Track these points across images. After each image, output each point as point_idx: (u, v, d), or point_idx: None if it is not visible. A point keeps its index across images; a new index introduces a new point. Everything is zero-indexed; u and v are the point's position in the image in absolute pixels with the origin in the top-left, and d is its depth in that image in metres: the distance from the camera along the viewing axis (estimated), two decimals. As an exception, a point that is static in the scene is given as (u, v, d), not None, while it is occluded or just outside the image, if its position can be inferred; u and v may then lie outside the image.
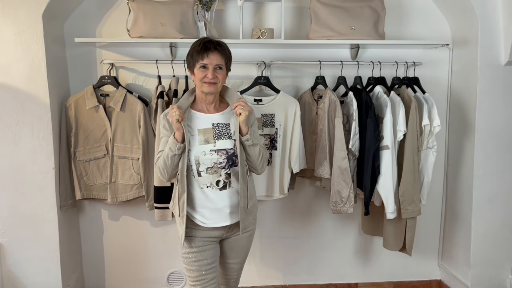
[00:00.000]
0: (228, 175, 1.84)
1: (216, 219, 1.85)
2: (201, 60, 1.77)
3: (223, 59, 1.80)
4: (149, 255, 2.77)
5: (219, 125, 1.86)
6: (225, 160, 1.82)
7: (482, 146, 2.50)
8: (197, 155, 1.80)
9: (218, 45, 1.79)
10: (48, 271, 2.42)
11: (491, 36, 2.43)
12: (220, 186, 1.83)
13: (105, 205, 2.68)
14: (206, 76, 1.77)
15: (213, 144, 1.82)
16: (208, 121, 1.85)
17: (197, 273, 1.87)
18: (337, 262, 2.88)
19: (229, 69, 1.88)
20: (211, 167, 1.81)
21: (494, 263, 2.60)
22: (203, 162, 1.81)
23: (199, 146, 1.81)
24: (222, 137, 1.84)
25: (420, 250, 2.83)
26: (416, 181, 2.41)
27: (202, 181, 1.82)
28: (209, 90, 1.80)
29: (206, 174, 1.82)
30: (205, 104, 1.88)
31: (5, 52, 2.27)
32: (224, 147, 1.83)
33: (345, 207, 2.37)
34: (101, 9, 2.55)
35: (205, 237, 1.88)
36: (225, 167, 1.82)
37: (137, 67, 2.60)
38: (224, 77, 1.83)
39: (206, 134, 1.83)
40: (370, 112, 2.34)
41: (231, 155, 1.83)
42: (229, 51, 1.85)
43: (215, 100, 1.89)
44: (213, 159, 1.81)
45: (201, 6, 2.45)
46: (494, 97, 2.47)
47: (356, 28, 2.40)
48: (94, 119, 2.43)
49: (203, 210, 1.85)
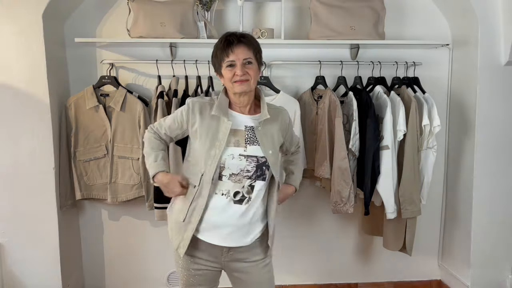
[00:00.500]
0: (251, 188, 1.59)
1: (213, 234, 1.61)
2: (226, 58, 1.55)
3: (251, 52, 1.57)
4: (149, 255, 2.77)
5: (252, 129, 1.62)
6: (254, 169, 1.58)
7: (482, 146, 2.50)
8: (224, 157, 1.57)
9: (242, 37, 1.57)
10: (48, 271, 2.42)
11: (491, 36, 2.42)
12: (236, 198, 1.58)
13: (105, 205, 2.68)
14: (235, 75, 1.55)
15: (243, 149, 1.59)
16: (241, 122, 1.63)
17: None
18: (337, 262, 2.88)
19: (261, 63, 1.64)
20: (236, 173, 1.58)
21: (494, 263, 2.60)
22: (229, 166, 1.57)
23: (228, 148, 1.58)
24: (254, 143, 1.60)
25: (420, 250, 2.83)
26: (416, 181, 2.41)
27: (220, 186, 1.58)
28: (242, 89, 1.56)
29: (228, 181, 1.58)
30: (239, 107, 1.64)
31: (5, 52, 2.27)
32: (255, 154, 1.59)
33: (345, 207, 2.37)
34: (101, 9, 2.55)
35: (198, 257, 1.65)
36: (252, 178, 1.59)
37: (137, 67, 2.60)
38: (256, 72, 1.59)
39: (237, 135, 1.60)
40: (370, 112, 2.34)
41: (261, 164, 1.59)
42: (257, 42, 1.62)
43: (250, 102, 1.65)
44: (241, 165, 1.57)
45: (201, 6, 2.45)
46: (494, 97, 2.47)
47: (356, 28, 2.40)
48: (94, 119, 2.43)
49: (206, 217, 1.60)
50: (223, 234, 1.60)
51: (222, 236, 1.61)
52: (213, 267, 1.68)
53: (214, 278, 1.73)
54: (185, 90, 2.44)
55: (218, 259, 1.66)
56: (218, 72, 1.64)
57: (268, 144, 1.61)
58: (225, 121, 1.58)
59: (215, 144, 1.57)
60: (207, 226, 1.61)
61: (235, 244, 1.63)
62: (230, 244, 1.62)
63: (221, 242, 1.62)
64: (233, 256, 1.65)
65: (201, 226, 1.61)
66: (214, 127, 1.59)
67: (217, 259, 1.66)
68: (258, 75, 1.62)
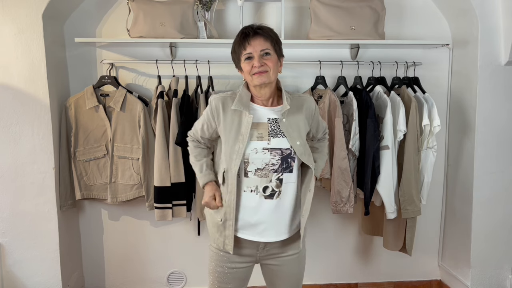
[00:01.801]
0: (279, 182, 1.58)
1: (250, 230, 1.61)
2: (244, 51, 1.55)
3: (268, 42, 1.56)
4: (149, 255, 2.77)
5: (275, 121, 1.60)
6: (279, 162, 1.56)
7: (482, 146, 2.50)
8: (248, 152, 1.55)
9: (259, 28, 1.56)
10: (48, 271, 2.42)
11: (491, 36, 2.42)
12: (266, 193, 1.57)
13: (105, 205, 2.68)
14: (253, 67, 1.54)
15: (267, 142, 1.57)
16: (264, 115, 1.61)
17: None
18: (337, 262, 2.88)
19: (280, 54, 1.62)
20: (262, 168, 1.56)
21: (494, 263, 2.60)
22: (253, 161, 1.56)
23: (251, 142, 1.56)
24: (278, 135, 1.58)
25: (420, 250, 2.83)
26: (416, 181, 2.41)
27: (247, 183, 1.57)
28: (261, 80, 1.54)
29: (254, 176, 1.57)
30: (261, 100, 1.63)
31: (5, 52, 2.27)
32: (280, 147, 1.57)
33: (345, 207, 2.38)
34: (101, 9, 2.55)
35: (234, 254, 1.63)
36: (278, 171, 1.57)
37: (137, 67, 2.60)
38: (275, 63, 1.57)
39: (260, 129, 1.58)
40: (370, 112, 2.34)
41: (286, 156, 1.58)
42: (275, 34, 1.60)
43: (273, 95, 1.63)
44: (265, 159, 1.56)
45: (201, 6, 2.45)
46: (494, 97, 2.47)
47: (356, 28, 2.40)
48: (94, 119, 2.43)
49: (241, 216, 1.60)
50: (259, 230, 1.60)
51: (258, 232, 1.60)
52: (247, 262, 1.68)
53: (246, 275, 1.72)
54: (185, 90, 2.43)
55: (253, 255, 1.66)
56: (238, 67, 1.63)
57: (294, 135, 1.60)
58: (247, 114, 1.58)
59: (239, 139, 1.57)
60: (243, 224, 1.61)
61: (272, 239, 1.62)
62: (267, 239, 1.61)
63: (258, 238, 1.61)
64: (268, 252, 1.65)
65: (237, 224, 1.61)
66: (237, 122, 1.59)
67: (253, 255, 1.66)
68: (278, 66, 1.60)
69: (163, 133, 2.33)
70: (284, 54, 2.69)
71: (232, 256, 1.64)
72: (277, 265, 1.67)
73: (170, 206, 2.37)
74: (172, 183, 2.34)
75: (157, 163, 2.33)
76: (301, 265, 1.73)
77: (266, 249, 1.65)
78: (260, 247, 1.64)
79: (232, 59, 1.65)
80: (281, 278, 1.70)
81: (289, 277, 1.71)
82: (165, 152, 2.33)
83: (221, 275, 1.66)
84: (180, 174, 2.35)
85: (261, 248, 1.64)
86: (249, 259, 1.67)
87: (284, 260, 1.66)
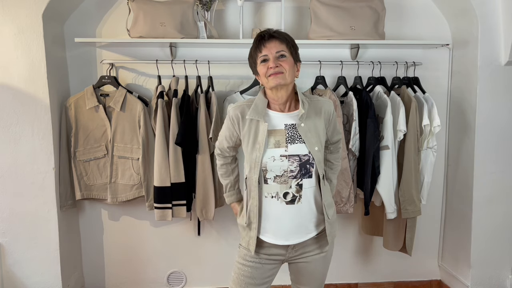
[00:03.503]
0: (299, 187, 1.58)
1: (275, 235, 1.63)
2: (260, 53, 1.56)
3: (284, 45, 1.56)
4: (149, 255, 2.77)
5: (293, 126, 1.60)
6: (297, 168, 1.57)
7: (482, 146, 2.50)
8: (265, 160, 1.57)
9: (275, 32, 1.58)
10: (48, 271, 2.42)
11: (491, 36, 2.42)
12: (287, 199, 1.59)
13: (105, 205, 2.68)
14: (269, 68, 1.54)
15: (284, 149, 1.57)
16: (281, 121, 1.61)
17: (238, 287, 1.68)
18: (337, 262, 2.87)
19: (297, 59, 1.62)
20: (280, 175, 1.57)
21: (494, 263, 2.60)
22: (271, 169, 1.57)
23: (268, 149, 1.57)
24: (296, 141, 1.59)
25: (420, 250, 2.83)
26: (416, 181, 2.41)
27: (267, 189, 1.59)
28: (276, 82, 1.53)
29: (273, 183, 1.58)
30: (278, 104, 1.62)
31: (5, 52, 2.27)
32: (298, 153, 1.58)
33: (345, 207, 2.38)
34: (101, 9, 2.55)
35: (263, 253, 1.67)
36: (297, 177, 1.58)
37: (137, 67, 2.60)
38: (291, 66, 1.56)
39: (277, 136, 1.58)
40: (370, 112, 2.34)
41: (304, 163, 1.58)
42: (291, 38, 1.61)
43: (290, 99, 1.63)
44: (283, 166, 1.57)
45: (201, 6, 2.45)
46: (494, 97, 2.47)
47: (356, 28, 2.40)
48: (94, 119, 2.43)
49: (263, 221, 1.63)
50: (284, 234, 1.63)
51: (283, 236, 1.63)
52: (276, 261, 1.70)
53: (272, 273, 1.73)
54: (185, 90, 2.43)
55: (282, 255, 1.69)
56: (254, 72, 1.64)
57: (313, 140, 1.60)
58: (262, 123, 1.59)
59: (256, 147, 1.59)
60: (268, 228, 1.64)
61: (298, 241, 1.64)
62: (293, 241, 1.64)
63: (284, 241, 1.64)
64: (297, 251, 1.68)
65: (262, 229, 1.65)
66: (254, 130, 1.61)
67: (282, 255, 1.69)
68: (294, 69, 1.60)
69: (163, 133, 2.33)
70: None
71: (261, 254, 1.67)
72: (305, 262, 1.70)
73: (170, 206, 2.37)
74: (172, 183, 2.34)
75: (157, 163, 2.33)
76: (327, 264, 1.77)
77: (295, 249, 1.68)
78: (290, 248, 1.67)
79: (249, 65, 1.66)
80: (306, 275, 1.74)
81: (314, 275, 1.74)
82: (165, 152, 2.33)
83: (247, 269, 1.68)
84: (180, 174, 2.35)
85: (290, 248, 1.67)
86: (278, 258, 1.69)
87: (312, 258, 1.69)
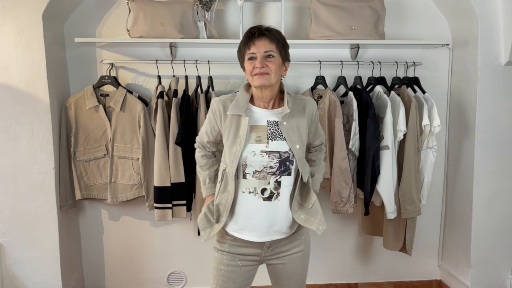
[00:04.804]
0: (277, 184, 1.58)
1: (249, 231, 1.62)
2: (248, 50, 1.55)
3: (274, 45, 1.54)
4: (149, 255, 2.77)
5: (275, 123, 1.60)
6: (277, 165, 1.57)
7: (482, 146, 2.50)
8: (246, 155, 1.57)
9: (266, 30, 1.55)
10: (48, 271, 2.42)
11: (491, 36, 2.42)
12: (265, 195, 1.58)
13: (105, 205, 2.68)
14: (255, 67, 1.53)
15: (265, 145, 1.58)
16: (263, 117, 1.61)
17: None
18: (337, 262, 2.88)
19: (286, 58, 1.61)
20: (260, 171, 1.57)
21: (494, 263, 2.60)
22: (251, 163, 1.57)
23: (249, 144, 1.57)
24: (277, 138, 1.59)
25: (420, 250, 2.83)
26: (416, 181, 2.41)
27: (245, 184, 1.59)
28: (260, 82, 1.53)
29: (252, 178, 1.58)
30: (262, 102, 1.63)
31: (5, 52, 2.27)
32: (278, 150, 1.58)
33: (345, 207, 2.38)
34: (101, 9, 2.55)
35: (239, 254, 1.66)
36: (276, 173, 1.58)
37: (137, 67, 2.60)
38: (278, 67, 1.55)
39: (259, 132, 1.59)
40: (370, 112, 2.34)
41: (284, 160, 1.58)
42: (283, 38, 1.59)
43: (274, 98, 1.63)
44: (263, 162, 1.56)
45: (201, 6, 2.45)
46: (494, 97, 2.47)
47: (356, 28, 2.40)
48: (94, 119, 2.43)
49: (238, 217, 1.62)
50: (260, 231, 1.61)
51: (259, 233, 1.61)
52: (252, 261, 1.68)
53: (250, 275, 1.72)
54: (185, 90, 2.43)
55: (259, 255, 1.67)
56: (242, 67, 1.63)
57: (295, 138, 1.60)
58: (244, 117, 1.59)
59: (237, 141, 1.58)
60: (244, 225, 1.62)
61: (275, 238, 1.63)
62: (269, 238, 1.62)
63: (259, 238, 1.62)
64: (273, 251, 1.66)
65: (237, 226, 1.63)
66: (235, 124, 1.60)
67: (258, 254, 1.67)
68: (281, 70, 1.59)
69: (163, 133, 2.33)
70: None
71: (237, 256, 1.66)
72: (282, 263, 1.68)
73: (170, 206, 2.37)
74: (172, 183, 2.34)
75: (157, 163, 2.33)
76: (305, 263, 1.75)
77: (271, 248, 1.66)
78: (265, 247, 1.65)
79: (238, 58, 1.65)
80: (286, 277, 1.71)
81: (293, 276, 1.72)
82: (165, 152, 2.33)
83: (226, 274, 1.66)
84: (180, 174, 2.35)
85: (266, 247, 1.65)
86: (254, 258, 1.67)
87: (288, 258, 1.68)
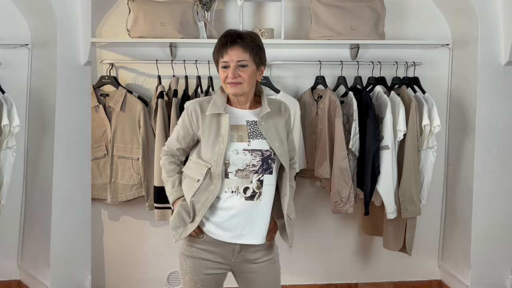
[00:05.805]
0: (260, 183, 1.57)
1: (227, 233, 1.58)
2: (221, 58, 1.55)
3: (247, 53, 1.53)
4: (149, 255, 2.76)
5: (254, 123, 1.62)
6: (259, 163, 1.57)
7: (482, 146, 2.50)
8: (229, 153, 1.56)
9: (239, 37, 1.53)
10: (48, 271, 2.42)
11: (491, 36, 2.42)
12: (247, 194, 1.56)
13: (105, 205, 2.68)
14: (227, 76, 1.55)
15: (247, 143, 1.58)
16: (242, 117, 1.62)
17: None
18: (337, 262, 2.88)
19: (261, 63, 1.60)
20: (242, 169, 1.56)
21: (494, 263, 2.60)
22: (234, 162, 1.56)
23: (231, 143, 1.56)
24: (258, 137, 1.60)
25: (420, 250, 2.83)
26: (416, 181, 2.41)
27: (227, 184, 1.57)
28: (233, 91, 1.56)
29: (234, 177, 1.56)
30: (239, 104, 1.64)
31: (5, 52, 2.27)
32: (260, 148, 1.58)
33: (345, 207, 2.37)
34: (101, 9, 2.55)
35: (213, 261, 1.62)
36: (258, 172, 1.57)
37: (137, 67, 2.60)
38: (251, 75, 1.56)
39: (239, 131, 1.59)
40: (370, 112, 2.34)
41: (266, 158, 1.58)
42: (257, 43, 1.57)
43: (249, 101, 1.64)
44: (246, 160, 1.56)
45: (201, 6, 2.45)
46: (494, 97, 2.47)
47: (356, 28, 2.40)
48: (94, 119, 2.43)
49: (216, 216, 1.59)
50: (238, 232, 1.58)
51: (236, 234, 1.58)
52: (222, 269, 1.65)
53: (219, 282, 1.69)
54: (185, 90, 2.44)
55: (228, 261, 1.63)
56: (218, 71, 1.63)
57: (273, 137, 1.60)
58: (224, 115, 1.59)
59: (219, 140, 1.57)
60: (221, 225, 1.59)
61: (250, 242, 1.60)
62: (245, 241, 1.59)
63: (236, 240, 1.59)
64: (244, 257, 1.63)
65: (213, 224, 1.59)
66: (216, 124, 1.59)
67: (228, 260, 1.63)
68: (255, 77, 1.59)
69: (163, 133, 2.33)
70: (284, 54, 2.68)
71: (206, 262, 1.62)
72: (252, 272, 1.65)
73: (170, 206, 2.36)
74: (172, 183, 2.34)
75: (157, 163, 2.33)
76: (276, 271, 1.73)
77: (241, 254, 1.62)
78: (235, 251, 1.61)
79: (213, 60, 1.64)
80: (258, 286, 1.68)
81: (266, 285, 1.69)
82: (165, 152, 2.33)
83: (196, 282, 1.63)
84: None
85: (236, 252, 1.62)
86: (224, 266, 1.64)
87: (258, 266, 1.65)
